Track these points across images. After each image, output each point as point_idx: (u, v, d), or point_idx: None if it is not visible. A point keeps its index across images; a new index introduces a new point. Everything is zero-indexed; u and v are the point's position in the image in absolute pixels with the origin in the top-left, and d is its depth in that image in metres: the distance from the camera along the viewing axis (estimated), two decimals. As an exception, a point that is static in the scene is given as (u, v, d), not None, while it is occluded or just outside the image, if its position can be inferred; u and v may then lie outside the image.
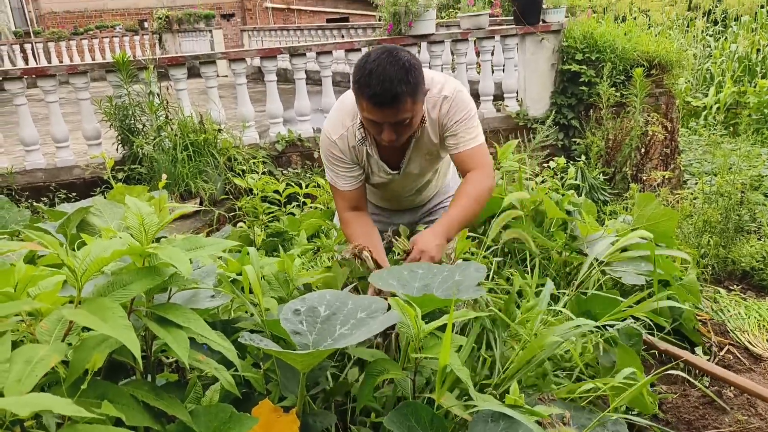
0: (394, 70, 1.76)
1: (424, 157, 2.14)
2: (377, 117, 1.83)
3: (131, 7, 20.38)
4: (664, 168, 5.50)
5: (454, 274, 1.66)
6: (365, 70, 1.79)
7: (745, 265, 3.95)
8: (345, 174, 2.10)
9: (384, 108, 1.79)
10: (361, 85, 1.79)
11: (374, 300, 1.52)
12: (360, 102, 1.85)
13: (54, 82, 4.89)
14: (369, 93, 1.77)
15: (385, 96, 1.76)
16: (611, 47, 5.67)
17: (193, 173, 4.58)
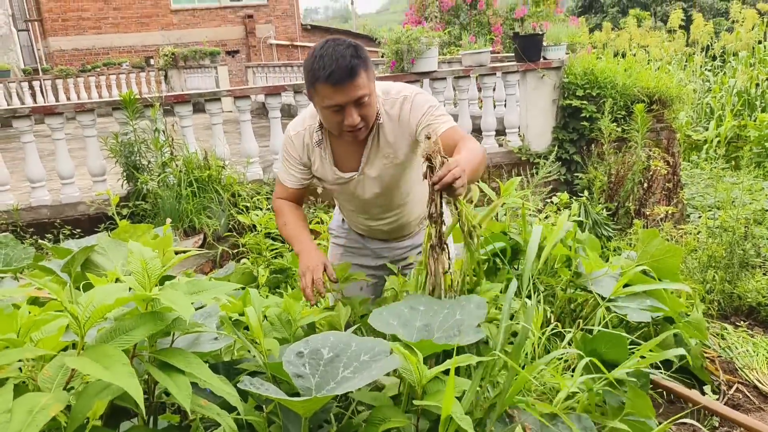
0: (342, 49, 1.84)
1: (382, 160, 2.10)
2: (339, 97, 1.85)
3: (138, 45, 20.76)
4: (667, 202, 5.50)
5: (455, 312, 1.64)
6: (316, 57, 1.85)
7: (752, 300, 3.93)
8: (291, 171, 2.18)
9: (344, 84, 1.82)
10: (316, 71, 1.83)
11: (377, 342, 1.50)
12: (318, 90, 1.86)
13: (61, 120, 4.95)
14: (326, 74, 1.81)
15: (341, 72, 1.80)
16: (612, 83, 5.74)
17: (197, 209, 4.60)
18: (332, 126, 1.96)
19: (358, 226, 2.42)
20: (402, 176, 2.16)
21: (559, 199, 3.82)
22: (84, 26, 20.04)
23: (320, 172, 2.15)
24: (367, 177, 2.13)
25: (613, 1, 29.34)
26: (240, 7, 22.60)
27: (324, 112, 1.93)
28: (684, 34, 13.66)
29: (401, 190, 2.22)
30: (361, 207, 2.28)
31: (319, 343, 1.47)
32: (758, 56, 11.95)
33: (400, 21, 22.68)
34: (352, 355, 1.45)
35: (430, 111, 2.01)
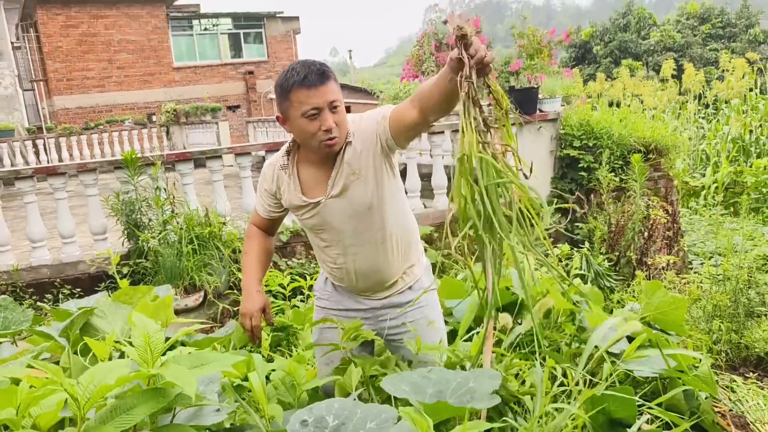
0: (311, 61, 1.97)
1: (348, 177, 2.04)
2: (314, 100, 1.91)
3: (140, 102, 21.16)
4: (668, 250, 5.50)
5: (468, 381, 1.62)
6: (288, 71, 1.96)
7: (759, 350, 3.88)
8: (263, 200, 2.25)
9: (318, 86, 1.91)
10: (290, 79, 1.93)
11: (384, 409, 1.47)
12: (293, 97, 1.93)
13: (64, 180, 5.00)
14: (300, 77, 1.91)
15: (315, 75, 1.91)
16: (608, 133, 5.82)
17: (198, 266, 4.59)
18: (308, 137, 1.97)
19: (335, 272, 2.25)
20: (372, 200, 2.07)
21: (561, 251, 3.82)
22: (88, 85, 20.48)
23: (288, 200, 2.16)
24: (335, 200, 2.07)
25: (606, 52, 30.05)
26: (241, 64, 23.14)
27: (300, 123, 1.96)
28: (676, 83, 13.94)
29: (375, 219, 2.12)
30: (334, 237, 2.15)
31: (323, 410, 1.44)
32: (750, 103, 12.16)
33: (398, 74, 23.14)
34: (358, 422, 1.41)
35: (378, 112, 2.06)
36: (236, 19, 23.41)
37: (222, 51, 23.13)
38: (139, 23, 20.99)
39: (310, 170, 2.11)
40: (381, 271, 2.21)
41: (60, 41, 19.91)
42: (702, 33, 29.15)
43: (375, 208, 2.09)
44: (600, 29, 31.49)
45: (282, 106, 1.99)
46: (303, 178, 2.12)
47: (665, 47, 28.46)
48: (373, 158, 2.04)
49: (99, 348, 1.31)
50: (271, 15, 23.63)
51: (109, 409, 0.96)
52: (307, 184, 2.11)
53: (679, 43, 28.37)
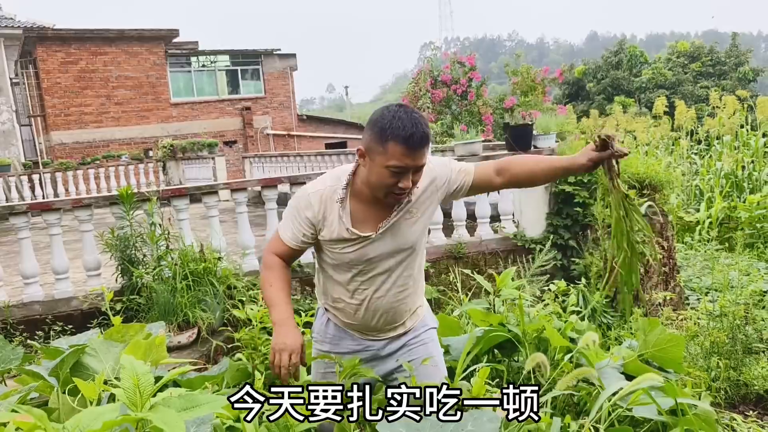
0: (416, 116, 1.92)
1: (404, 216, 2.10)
2: (408, 160, 1.90)
3: (137, 137, 21.29)
4: (664, 286, 5.48)
5: (467, 424, 1.59)
6: (394, 118, 1.89)
7: (759, 388, 3.84)
8: (296, 228, 2.12)
9: (417, 149, 1.89)
10: (395, 129, 1.87)
11: None
12: (389, 148, 1.88)
13: (58, 216, 4.98)
14: (405, 134, 1.86)
15: (419, 138, 1.88)
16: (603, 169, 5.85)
17: (192, 302, 4.55)
18: (381, 187, 1.96)
19: (350, 308, 2.23)
20: (417, 239, 2.17)
21: (557, 287, 3.81)
22: (86, 120, 20.62)
23: (333, 232, 2.08)
24: (383, 236, 2.11)
25: (599, 89, 30.51)
26: (238, 100, 23.38)
27: (381, 172, 1.93)
28: (669, 120, 14.12)
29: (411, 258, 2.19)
30: (368, 272, 2.15)
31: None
32: (742, 140, 12.30)
33: (394, 110, 23.33)
34: None
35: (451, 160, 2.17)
36: (234, 56, 23.75)
37: (219, 87, 23.39)
38: (138, 60, 21.25)
39: (362, 205, 2.09)
40: (399, 309, 2.26)
41: (59, 77, 20.11)
42: (692, 71, 29.67)
43: (416, 247, 2.18)
44: (592, 67, 32.04)
45: (371, 146, 1.94)
46: (353, 211, 2.10)
47: (657, 84, 28.92)
48: (432, 203, 2.15)
49: (88, 389, 1.29)
50: (269, 52, 23.98)
51: (96, 456, 0.93)
52: (357, 218, 2.10)
53: (671, 81, 28.85)
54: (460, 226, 6.14)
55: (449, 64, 11.16)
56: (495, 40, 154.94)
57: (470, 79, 10.97)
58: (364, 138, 1.99)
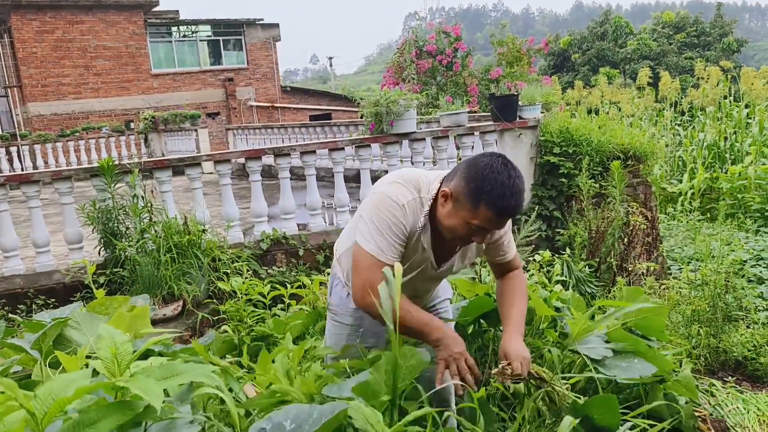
0: (520, 183, 1.83)
1: (463, 258, 2.16)
2: (493, 226, 1.86)
3: (118, 109, 20.92)
4: (647, 256, 5.54)
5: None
6: (495, 181, 1.78)
7: (737, 354, 3.91)
8: (396, 245, 1.92)
9: (505, 219, 1.84)
10: (493, 197, 1.78)
11: (338, 405, 1.50)
12: (480, 211, 1.80)
13: (37, 188, 4.89)
14: (502, 205, 1.78)
15: (515, 210, 1.82)
16: (587, 140, 5.86)
17: (177, 275, 4.51)
18: (454, 234, 1.91)
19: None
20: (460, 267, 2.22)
21: (542, 257, 3.82)
22: (64, 92, 20.20)
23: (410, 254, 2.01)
24: (443, 272, 2.15)
25: (584, 60, 30.43)
26: (220, 71, 23.01)
27: (460, 224, 1.86)
28: (653, 91, 14.14)
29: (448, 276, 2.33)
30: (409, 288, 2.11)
31: (281, 416, 1.46)
32: (725, 111, 12.37)
33: (378, 81, 23.15)
34: (314, 422, 1.44)
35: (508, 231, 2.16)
36: (215, 26, 23.30)
37: (201, 58, 22.99)
38: (117, 29, 20.77)
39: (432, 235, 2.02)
40: (427, 297, 2.37)
41: (35, 46, 19.62)
42: (677, 42, 29.68)
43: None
44: (578, 38, 31.92)
45: (460, 197, 1.83)
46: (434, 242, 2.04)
47: (642, 55, 28.91)
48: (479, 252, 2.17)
49: (69, 362, 1.26)
50: (251, 22, 23.56)
51: (72, 424, 0.91)
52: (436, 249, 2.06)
53: (655, 52, 28.84)
54: (446, 197, 6.13)
55: (434, 35, 11.04)
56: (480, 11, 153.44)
57: (456, 49, 10.87)
58: (455, 182, 1.87)
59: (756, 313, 4.91)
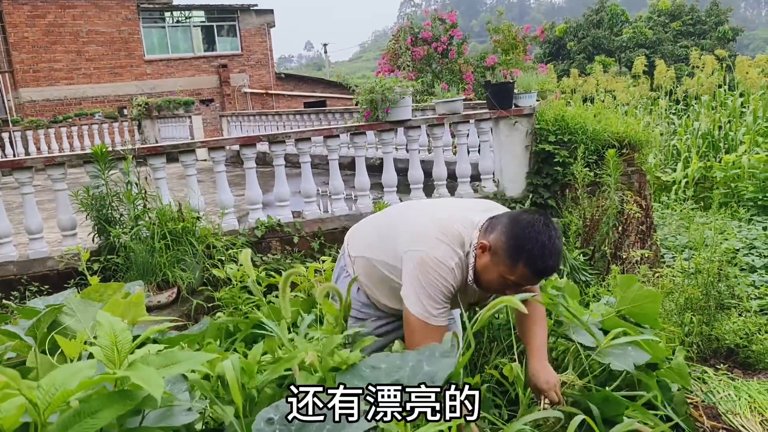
0: (560, 244, 1.88)
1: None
2: (528, 282, 1.91)
3: (111, 95, 20.76)
4: (641, 244, 5.56)
5: (422, 365, 1.61)
6: (536, 241, 1.81)
7: (729, 342, 3.94)
8: (445, 308, 2.00)
9: (541, 278, 1.92)
10: (533, 256, 1.81)
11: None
12: (519, 269, 1.84)
13: (30, 174, 4.86)
14: (542, 266, 1.83)
15: (552, 271, 1.88)
16: (582, 129, 5.86)
17: (171, 262, 4.50)
18: (488, 284, 1.95)
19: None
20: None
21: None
22: (56, 77, 20.01)
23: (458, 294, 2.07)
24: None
25: (579, 48, 30.36)
26: (214, 57, 22.84)
27: (497, 278, 1.90)
28: (648, 80, 14.13)
29: None
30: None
31: (288, 407, 1.43)
32: (719, 100, 12.38)
33: (373, 68, 23.00)
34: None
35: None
36: (209, 11, 23.09)
37: (195, 44, 22.81)
38: (109, 14, 20.56)
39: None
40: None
41: (26, 31, 19.41)
42: (673, 30, 29.63)
43: None
44: (574, 25, 31.81)
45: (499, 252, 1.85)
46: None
47: (637, 44, 28.86)
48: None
49: (69, 346, 1.26)
50: (245, 8, 23.36)
51: (73, 413, 0.91)
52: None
53: (651, 40, 28.79)
54: (441, 185, 6.13)
55: (430, 21, 10.98)
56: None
57: (451, 36, 10.82)
58: (494, 235, 1.89)
59: (748, 301, 4.94)
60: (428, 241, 1.95)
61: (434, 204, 2.34)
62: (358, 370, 1.62)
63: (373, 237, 2.25)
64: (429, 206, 2.26)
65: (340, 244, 5.45)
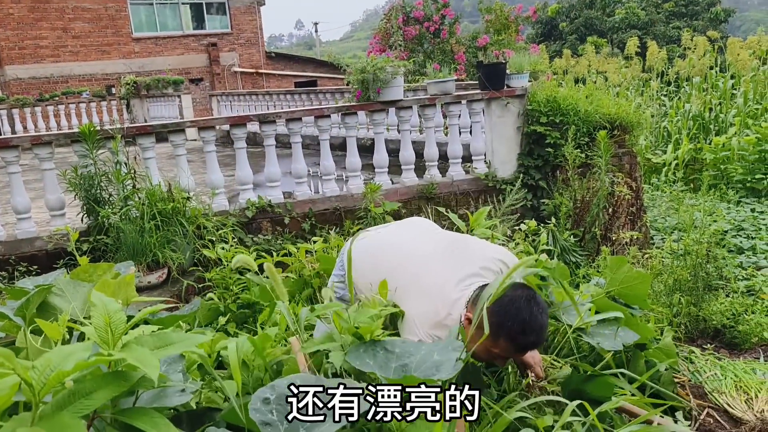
0: (542, 318, 1.90)
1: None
2: (513, 355, 1.98)
3: (98, 73, 20.47)
4: (631, 226, 5.59)
5: (433, 354, 1.63)
6: (518, 318, 1.84)
7: (716, 322, 3.99)
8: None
9: (525, 352, 1.96)
10: (512, 334, 1.85)
11: (347, 383, 1.47)
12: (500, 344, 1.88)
13: (16, 153, 4.80)
14: (524, 342, 1.87)
15: (535, 344, 1.93)
16: (574, 110, 5.85)
17: (161, 243, 4.48)
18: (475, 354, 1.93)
19: None
20: None
21: (528, 227, 3.84)
22: (42, 54, 19.68)
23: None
24: None
25: (572, 29, 30.23)
26: (203, 35, 22.53)
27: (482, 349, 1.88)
28: (640, 61, 14.11)
29: None
30: None
31: (285, 387, 1.42)
32: (710, 81, 12.39)
33: (364, 48, 22.76)
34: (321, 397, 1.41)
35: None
36: (198, -12, 22.72)
37: (183, 22, 22.46)
38: (95, -10, 20.19)
39: None
40: None
41: (11, 7, 19.03)
42: (665, 11, 29.54)
43: None
44: (566, 6, 31.64)
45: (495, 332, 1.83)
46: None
47: (629, 25, 28.77)
48: None
49: (51, 329, 1.25)
50: (235, -15, 23.00)
51: (67, 394, 0.91)
52: None
53: (643, 21, 28.71)
54: (432, 166, 6.12)
55: (421, 1, 10.87)
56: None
57: (443, 16, 10.73)
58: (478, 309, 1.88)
59: (735, 282, 5.00)
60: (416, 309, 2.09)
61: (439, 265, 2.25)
62: (372, 349, 1.64)
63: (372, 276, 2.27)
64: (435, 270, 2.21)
65: (331, 225, 5.46)
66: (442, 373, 1.55)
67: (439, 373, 1.55)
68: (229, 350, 1.40)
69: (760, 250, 6.29)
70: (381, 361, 1.59)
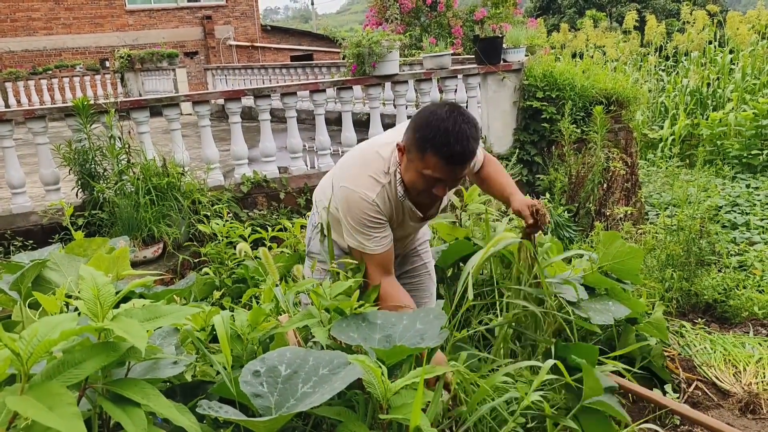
0: (468, 128, 1.81)
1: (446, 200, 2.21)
2: (446, 175, 1.85)
3: (92, 46, 20.23)
4: (626, 202, 5.61)
5: (415, 323, 1.65)
6: (439, 129, 1.79)
7: (708, 297, 4.03)
8: (380, 235, 1.99)
9: (457, 166, 1.83)
10: (437, 144, 1.79)
11: (336, 354, 1.49)
12: (427, 159, 1.82)
13: (10, 127, 4.77)
14: (447, 152, 1.78)
15: (464, 155, 1.81)
16: (571, 85, 5.82)
17: (156, 218, 4.48)
18: (415, 189, 1.92)
19: None
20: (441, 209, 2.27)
21: (522, 202, 3.84)
22: (34, 27, 19.42)
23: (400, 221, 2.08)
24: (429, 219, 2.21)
25: (570, 2, 29.90)
26: (198, 8, 22.23)
27: (416, 177, 1.88)
28: (638, 35, 13.99)
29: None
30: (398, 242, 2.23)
31: (275, 360, 1.45)
32: (709, 56, 12.31)
33: (361, 21, 22.61)
34: (310, 369, 1.44)
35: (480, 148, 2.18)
36: (192, -41, 22.35)
37: (178, -7, 22.15)
38: (88, -39, 19.85)
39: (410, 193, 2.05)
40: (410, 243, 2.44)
41: (2, -21, 18.74)
42: (665, -16, 29.19)
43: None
44: (565, -21, 31.21)
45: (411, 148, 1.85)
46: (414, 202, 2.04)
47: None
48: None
49: (48, 302, 1.26)
50: (230, -44, 22.63)
51: (57, 364, 0.92)
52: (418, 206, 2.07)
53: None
54: (428, 141, 6.10)
55: (419, -27, 10.71)
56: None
57: (440, -12, 10.59)
58: (406, 135, 1.89)
59: (728, 257, 5.04)
60: (350, 176, 2.00)
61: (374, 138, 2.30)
62: (355, 322, 1.65)
63: (326, 181, 2.27)
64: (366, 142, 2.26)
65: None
66: (428, 341, 1.57)
67: (424, 342, 1.57)
68: (216, 323, 1.42)
69: (753, 225, 6.32)
70: (365, 333, 1.61)
